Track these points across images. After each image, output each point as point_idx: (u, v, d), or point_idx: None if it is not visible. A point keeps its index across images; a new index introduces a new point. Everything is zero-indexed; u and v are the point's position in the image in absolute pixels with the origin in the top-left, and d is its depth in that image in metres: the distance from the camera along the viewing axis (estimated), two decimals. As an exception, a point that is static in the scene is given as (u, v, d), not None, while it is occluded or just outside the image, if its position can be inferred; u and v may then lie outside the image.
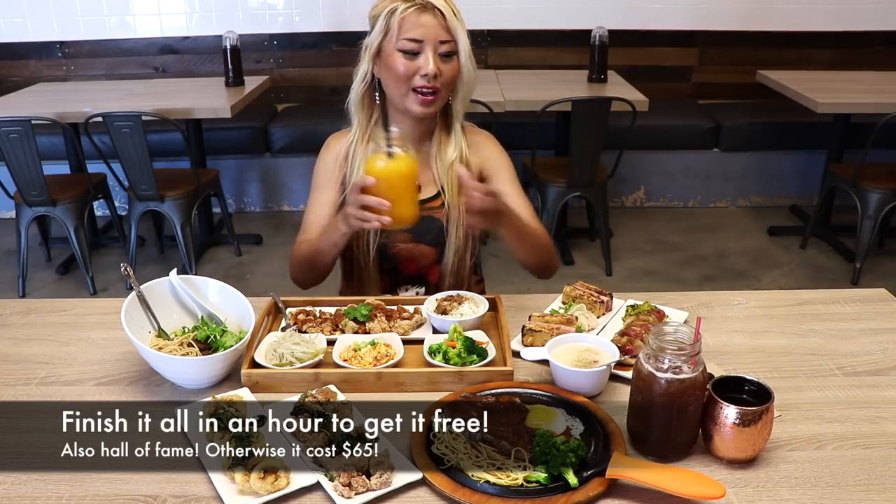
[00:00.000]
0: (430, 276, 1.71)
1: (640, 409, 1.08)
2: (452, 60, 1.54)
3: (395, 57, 1.52)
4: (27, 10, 4.68)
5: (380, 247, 1.68)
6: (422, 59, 1.51)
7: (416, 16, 1.51)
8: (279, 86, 4.87)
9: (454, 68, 1.54)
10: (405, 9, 1.51)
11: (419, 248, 1.69)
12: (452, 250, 1.67)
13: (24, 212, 3.53)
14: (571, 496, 0.98)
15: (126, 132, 3.32)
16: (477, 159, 1.68)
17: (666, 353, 1.04)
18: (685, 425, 1.06)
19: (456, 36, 1.52)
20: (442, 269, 1.69)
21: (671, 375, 1.03)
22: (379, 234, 1.65)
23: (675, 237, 4.27)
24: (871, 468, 1.05)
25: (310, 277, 1.66)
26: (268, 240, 4.28)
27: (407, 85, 1.53)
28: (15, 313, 1.55)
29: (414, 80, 1.52)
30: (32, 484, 1.04)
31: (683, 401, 1.03)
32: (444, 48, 1.52)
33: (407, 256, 1.69)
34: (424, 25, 1.50)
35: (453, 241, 1.67)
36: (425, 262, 1.70)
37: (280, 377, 1.26)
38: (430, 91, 1.52)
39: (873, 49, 4.77)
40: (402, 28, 1.51)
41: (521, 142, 3.84)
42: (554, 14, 4.72)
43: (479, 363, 1.29)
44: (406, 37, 1.51)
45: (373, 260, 1.68)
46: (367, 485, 0.99)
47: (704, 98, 4.91)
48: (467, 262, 1.71)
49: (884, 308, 1.52)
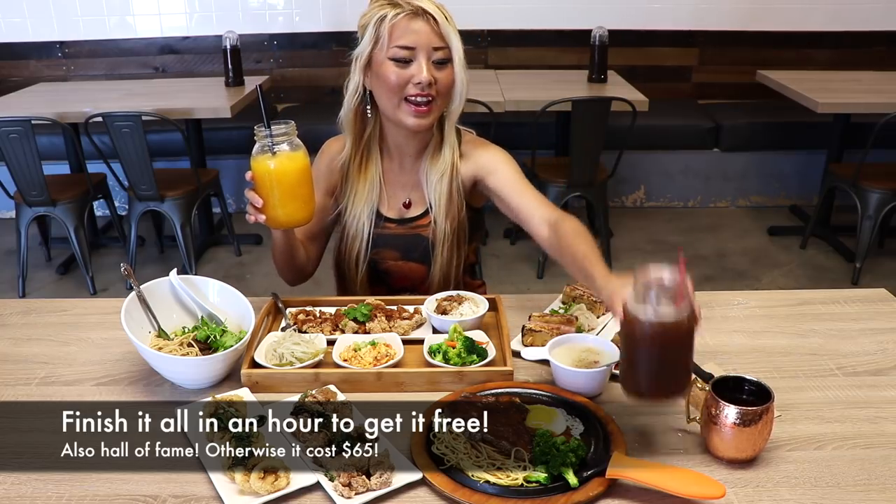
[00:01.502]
0: (423, 292, 1.69)
1: (629, 351, 1.07)
2: (447, 68, 1.47)
3: (386, 66, 1.45)
4: (27, 10, 4.68)
5: (371, 263, 1.66)
6: (414, 67, 1.44)
7: (406, 22, 1.44)
8: (279, 86, 4.87)
9: (449, 76, 1.48)
10: (395, 15, 1.44)
11: (408, 266, 1.66)
12: (438, 267, 1.63)
13: (24, 212, 3.53)
14: (571, 496, 0.98)
15: (126, 132, 3.32)
16: (469, 166, 1.61)
17: (650, 292, 1.02)
18: (672, 364, 1.04)
19: (449, 42, 1.46)
20: (428, 285, 1.66)
21: (655, 317, 1.02)
22: (368, 250, 1.63)
23: (675, 237, 4.27)
24: (871, 468, 1.05)
25: (287, 275, 1.63)
26: (268, 240, 4.25)
27: (399, 95, 1.46)
28: (15, 313, 1.55)
29: (407, 89, 1.45)
30: (32, 484, 1.04)
31: (669, 339, 1.02)
32: (438, 55, 1.46)
33: (398, 273, 1.68)
34: (416, 32, 1.44)
35: (439, 260, 1.62)
36: (416, 279, 1.68)
37: (280, 377, 1.26)
38: (424, 100, 1.46)
39: (873, 49, 4.77)
40: (392, 35, 1.45)
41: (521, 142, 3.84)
42: (554, 14, 4.72)
43: (479, 363, 1.29)
44: (397, 44, 1.44)
45: (361, 277, 1.66)
46: (367, 485, 0.99)
47: (704, 98, 4.91)
48: (452, 278, 1.66)
49: (884, 308, 1.52)
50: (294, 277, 1.65)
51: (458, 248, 1.65)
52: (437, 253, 1.63)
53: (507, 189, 1.56)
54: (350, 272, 1.68)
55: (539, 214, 1.49)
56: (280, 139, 1.34)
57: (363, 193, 1.63)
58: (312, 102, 4.88)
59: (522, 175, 1.59)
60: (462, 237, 1.65)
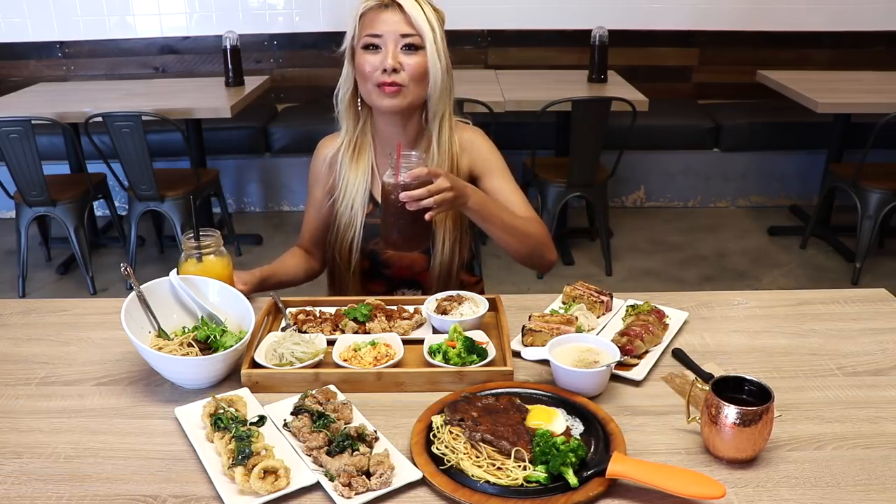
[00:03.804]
0: (424, 281, 1.71)
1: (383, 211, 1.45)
2: (417, 54, 1.51)
3: (359, 55, 1.53)
4: (27, 10, 4.68)
5: (371, 253, 1.68)
6: (382, 54, 1.51)
7: (376, 12, 1.51)
8: (279, 86, 4.87)
9: (420, 62, 1.51)
10: (367, 7, 1.52)
11: (409, 256, 1.68)
12: (437, 261, 1.67)
13: (24, 212, 3.53)
14: (571, 496, 0.98)
15: (126, 132, 3.32)
16: (467, 159, 1.66)
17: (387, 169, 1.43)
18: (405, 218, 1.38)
19: (420, 29, 1.50)
20: (429, 277, 1.70)
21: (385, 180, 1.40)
22: (360, 237, 1.66)
23: (675, 237, 4.27)
24: (871, 468, 1.05)
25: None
26: (268, 240, 4.28)
27: (372, 81, 1.52)
28: (15, 313, 1.55)
29: (375, 75, 1.51)
30: (32, 484, 1.04)
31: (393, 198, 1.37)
32: (407, 41, 1.50)
33: (398, 263, 1.70)
34: (385, 21, 1.50)
35: (438, 253, 1.66)
36: (417, 269, 1.70)
37: (280, 377, 1.26)
38: (390, 85, 1.50)
39: (873, 49, 4.77)
40: (363, 25, 1.52)
41: (521, 142, 3.84)
42: (554, 14, 4.72)
43: (479, 363, 1.28)
44: (367, 33, 1.51)
45: (354, 266, 1.69)
46: (367, 485, 0.99)
47: (704, 98, 4.91)
48: (454, 270, 1.69)
49: (884, 308, 1.52)
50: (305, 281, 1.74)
51: (461, 238, 1.69)
52: (438, 246, 1.65)
53: (493, 195, 1.62)
54: (342, 262, 1.69)
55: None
56: (210, 248, 1.45)
57: (355, 180, 1.66)
58: (312, 102, 4.89)
59: (509, 177, 1.66)
60: (464, 227, 1.68)
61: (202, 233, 1.44)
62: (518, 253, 1.60)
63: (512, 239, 1.56)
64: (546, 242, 1.62)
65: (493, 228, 1.53)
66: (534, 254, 1.61)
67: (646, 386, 1.26)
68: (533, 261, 1.63)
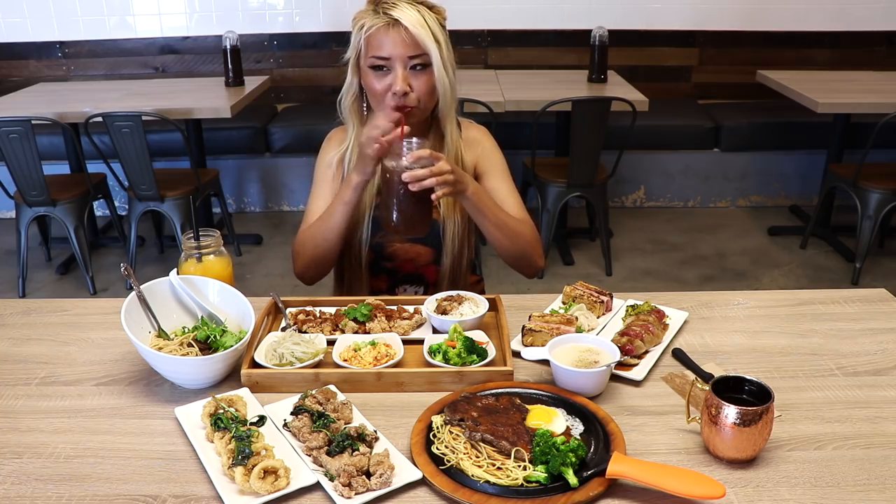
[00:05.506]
0: (428, 275, 1.72)
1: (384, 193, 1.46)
2: (426, 72, 1.51)
3: (367, 73, 1.53)
4: (27, 10, 4.68)
5: (376, 245, 1.69)
6: (391, 77, 1.50)
7: (382, 33, 1.49)
8: (279, 86, 4.87)
9: (428, 81, 1.52)
10: (370, 27, 1.50)
11: (415, 248, 1.70)
12: (449, 258, 1.69)
13: (24, 212, 3.53)
14: (571, 496, 0.98)
15: (126, 132, 3.32)
16: (472, 156, 1.68)
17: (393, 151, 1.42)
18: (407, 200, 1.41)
19: (426, 48, 1.49)
20: (440, 273, 1.71)
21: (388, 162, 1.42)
22: (370, 234, 1.66)
23: (675, 237, 4.27)
24: (871, 468, 1.05)
25: (312, 266, 1.64)
26: (268, 240, 4.28)
27: (382, 101, 1.52)
28: (15, 313, 1.55)
29: (387, 97, 1.51)
30: (32, 484, 1.04)
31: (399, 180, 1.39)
32: (415, 61, 1.50)
33: (403, 255, 1.70)
34: (391, 43, 1.48)
35: (449, 249, 1.68)
36: (422, 262, 1.71)
37: (280, 377, 1.26)
38: (402, 108, 1.50)
39: (873, 49, 4.77)
40: (369, 45, 1.51)
41: (521, 142, 3.85)
42: (554, 14, 4.72)
43: (479, 363, 1.28)
44: (374, 55, 1.50)
45: (364, 261, 1.69)
46: (367, 485, 0.99)
47: (704, 98, 4.91)
48: (463, 265, 1.72)
49: (884, 308, 1.52)
50: (319, 268, 1.65)
51: (468, 234, 1.70)
52: (448, 242, 1.67)
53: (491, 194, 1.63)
54: (354, 256, 1.69)
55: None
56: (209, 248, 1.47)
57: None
58: (312, 102, 4.89)
59: (508, 178, 1.68)
60: (471, 223, 1.69)
61: (202, 233, 1.45)
62: (507, 252, 1.61)
63: (503, 236, 1.57)
64: (536, 246, 1.64)
65: (487, 223, 1.54)
66: (523, 255, 1.62)
67: (646, 386, 1.26)
68: (521, 262, 1.65)
